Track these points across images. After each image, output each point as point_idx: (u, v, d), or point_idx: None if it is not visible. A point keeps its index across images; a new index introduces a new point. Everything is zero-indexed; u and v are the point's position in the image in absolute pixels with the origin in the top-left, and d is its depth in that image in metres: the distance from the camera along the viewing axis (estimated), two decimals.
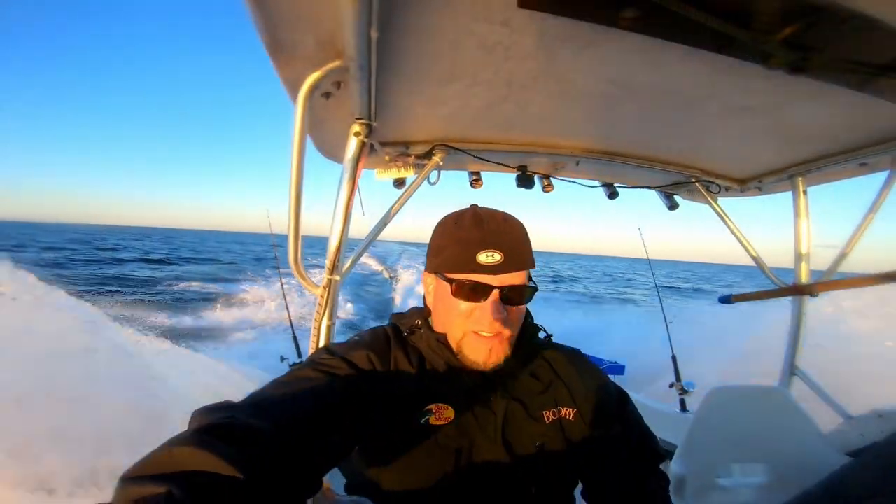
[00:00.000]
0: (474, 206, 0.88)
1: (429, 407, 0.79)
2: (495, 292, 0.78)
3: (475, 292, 0.79)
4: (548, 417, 0.85)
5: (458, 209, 0.89)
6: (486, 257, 0.78)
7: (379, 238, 1.52)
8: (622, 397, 0.98)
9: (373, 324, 1.20)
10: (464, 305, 0.80)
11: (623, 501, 0.91)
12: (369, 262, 25.44)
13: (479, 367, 0.81)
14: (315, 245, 2.66)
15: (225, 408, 0.60)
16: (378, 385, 0.78)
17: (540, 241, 0.85)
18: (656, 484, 0.94)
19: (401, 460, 0.77)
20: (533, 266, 0.84)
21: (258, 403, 0.64)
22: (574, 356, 0.97)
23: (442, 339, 0.83)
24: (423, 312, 0.91)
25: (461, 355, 0.82)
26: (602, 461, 0.91)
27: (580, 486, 0.94)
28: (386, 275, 21.64)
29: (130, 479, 0.46)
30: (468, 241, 0.80)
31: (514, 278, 0.80)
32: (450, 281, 0.80)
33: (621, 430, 0.94)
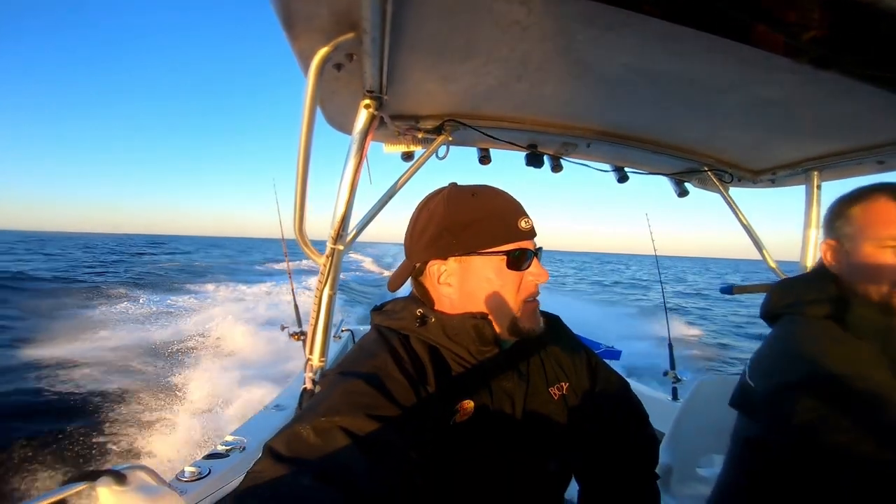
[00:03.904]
0: (467, 186, 0.84)
1: (455, 406, 0.75)
2: (534, 256, 0.81)
3: (524, 260, 0.80)
4: (555, 394, 0.86)
5: (435, 191, 0.86)
6: (525, 223, 0.80)
7: (378, 240, 1.51)
8: (598, 363, 0.98)
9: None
10: (515, 276, 0.79)
11: (610, 462, 0.93)
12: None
13: (535, 333, 0.82)
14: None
15: None
16: (409, 407, 0.68)
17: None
18: (641, 444, 0.96)
19: (433, 462, 0.71)
20: None
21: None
22: (556, 325, 0.97)
23: (478, 322, 0.78)
24: (418, 301, 0.83)
25: (516, 329, 0.80)
26: (592, 430, 0.91)
27: None
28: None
29: None
30: (505, 210, 0.81)
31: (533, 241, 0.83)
32: (498, 254, 0.78)
33: (605, 397, 0.94)
